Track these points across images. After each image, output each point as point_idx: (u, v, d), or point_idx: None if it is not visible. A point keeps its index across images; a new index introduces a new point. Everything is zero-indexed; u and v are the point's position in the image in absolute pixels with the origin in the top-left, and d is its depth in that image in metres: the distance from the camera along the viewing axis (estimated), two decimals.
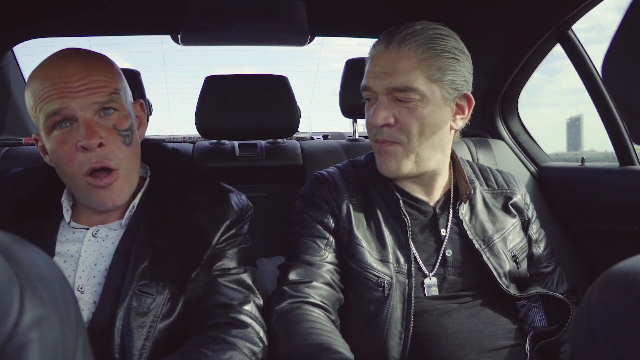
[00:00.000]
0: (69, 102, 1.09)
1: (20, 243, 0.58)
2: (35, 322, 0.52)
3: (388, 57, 1.24)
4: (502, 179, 1.49)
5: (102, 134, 1.12)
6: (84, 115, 1.11)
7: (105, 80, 1.15)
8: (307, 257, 1.30)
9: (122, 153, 1.17)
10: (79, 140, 1.10)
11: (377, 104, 1.26)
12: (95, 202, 1.17)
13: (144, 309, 1.11)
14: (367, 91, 1.29)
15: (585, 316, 0.58)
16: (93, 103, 1.12)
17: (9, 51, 2.20)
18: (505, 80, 2.14)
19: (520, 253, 1.37)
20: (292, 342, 1.13)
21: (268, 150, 2.07)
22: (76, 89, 1.10)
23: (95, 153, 1.12)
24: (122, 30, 2.22)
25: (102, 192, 1.15)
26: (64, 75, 1.10)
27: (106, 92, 1.14)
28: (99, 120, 1.14)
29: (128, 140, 1.18)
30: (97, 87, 1.13)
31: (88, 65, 1.14)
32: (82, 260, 1.17)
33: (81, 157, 1.12)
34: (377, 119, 1.24)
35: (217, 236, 1.24)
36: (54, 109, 1.09)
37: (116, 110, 1.16)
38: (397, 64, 1.22)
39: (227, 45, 2.44)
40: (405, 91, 1.22)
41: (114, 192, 1.17)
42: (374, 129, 1.29)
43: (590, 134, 10.48)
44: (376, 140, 1.30)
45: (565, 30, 1.82)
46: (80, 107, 1.10)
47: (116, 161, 1.15)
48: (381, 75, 1.24)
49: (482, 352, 1.21)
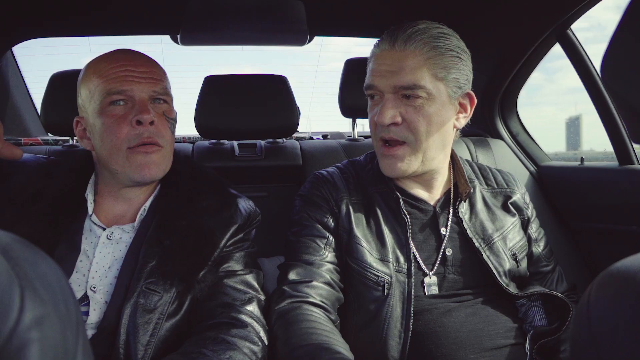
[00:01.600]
0: (132, 85, 1.23)
1: (20, 243, 0.58)
2: (35, 322, 0.52)
3: (394, 55, 1.25)
4: (502, 178, 1.49)
5: (155, 116, 1.24)
6: (142, 97, 1.24)
7: (161, 76, 1.30)
8: (306, 256, 1.30)
9: (167, 136, 1.29)
10: (134, 115, 1.22)
11: (384, 102, 1.26)
12: (136, 171, 1.23)
13: (150, 306, 1.14)
14: (372, 90, 1.29)
15: (585, 314, 0.58)
16: (152, 91, 1.26)
17: (8, 51, 2.21)
18: (505, 79, 2.14)
19: (520, 252, 1.37)
20: (291, 341, 1.13)
21: (267, 150, 2.07)
22: (140, 76, 1.25)
23: (147, 129, 1.23)
24: (121, 31, 2.22)
25: (146, 158, 1.24)
26: (132, 62, 1.26)
27: (162, 86, 1.29)
28: (152, 106, 1.26)
29: (173, 129, 1.32)
30: (156, 79, 1.28)
31: (150, 61, 1.31)
32: (95, 261, 1.21)
33: (133, 132, 1.22)
34: (385, 117, 1.24)
35: (225, 239, 1.27)
36: (117, 87, 1.22)
37: (166, 102, 1.31)
38: (403, 63, 1.23)
39: (226, 45, 2.44)
40: (412, 89, 1.23)
41: (155, 163, 1.25)
42: (379, 128, 1.29)
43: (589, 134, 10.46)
44: (381, 139, 1.29)
45: (565, 29, 1.82)
46: (140, 90, 1.24)
47: (162, 140, 1.26)
48: (387, 74, 1.24)
49: (482, 351, 1.21)
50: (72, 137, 2.03)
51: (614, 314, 0.54)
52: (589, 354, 0.56)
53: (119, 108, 1.23)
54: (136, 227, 1.26)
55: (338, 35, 2.42)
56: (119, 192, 1.30)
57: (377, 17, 2.07)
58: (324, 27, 2.23)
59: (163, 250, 1.20)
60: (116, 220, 1.28)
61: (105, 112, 1.23)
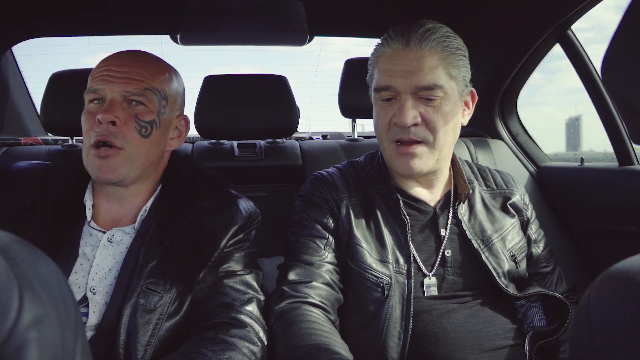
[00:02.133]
0: (105, 85, 1.24)
1: (19, 243, 0.58)
2: (34, 322, 0.52)
3: (410, 55, 1.24)
4: (501, 179, 1.49)
5: (120, 115, 1.22)
6: (112, 97, 1.24)
7: (145, 77, 1.27)
8: (306, 257, 1.30)
9: (133, 139, 1.24)
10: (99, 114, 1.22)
11: (402, 103, 1.24)
12: (92, 171, 1.24)
13: (150, 306, 1.14)
14: (387, 91, 1.27)
15: (585, 315, 0.58)
16: (124, 91, 1.24)
17: (8, 51, 2.20)
18: (505, 80, 2.14)
19: (519, 253, 1.37)
20: (291, 342, 1.13)
21: (267, 150, 2.07)
22: (117, 75, 1.24)
23: (105, 128, 1.21)
24: (121, 30, 2.22)
25: (99, 161, 1.22)
26: (118, 62, 1.26)
27: (140, 87, 1.25)
28: (125, 107, 1.25)
29: (145, 132, 1.26)
30: (135, 79, 1.25)
31: (138, 62, 1.28)
32: (95, 263, 1.21)
33: (95, 129, 1.22)
34: (407, 118, 1.23)
35: (226, 239, 1.27)
36: (93, 86, 1.25)
37: (144, 105, 1.26)
38: (421, 62, 1.23)
39: (226, 45, 2.44)
40: (432, 89, 1.23)
41: (110, 167, 1.22)
42: (394, 130, 1.27)
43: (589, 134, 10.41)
44: (398, 140, 1.27)
45: (565, 30, 1.82)
46: (111, 90, 1.24)
47: (122, 142, 1.23)
48: (406, 74, 1.23)
49: (482, 352, 1.21)
50: (72, 137, 2.02)
51: (613, 315, 0.54)
52: (589, 355, 0.56)
53: (95, 107, 1.26)
54: (137, 228, 1.26)
55: (338, 35, 2.42)
56: (107, 190, 1.30)
57: (376, 17, 2.07)
58: (324, 27, 2.23)
59: (163, 250, 1.20)
60: (115, 222, 1.28)
61: (86, 110, 1.28)
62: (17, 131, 2.34)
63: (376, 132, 1.35)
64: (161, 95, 1.29)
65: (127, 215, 1.30)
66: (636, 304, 0.52)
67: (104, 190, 1.31)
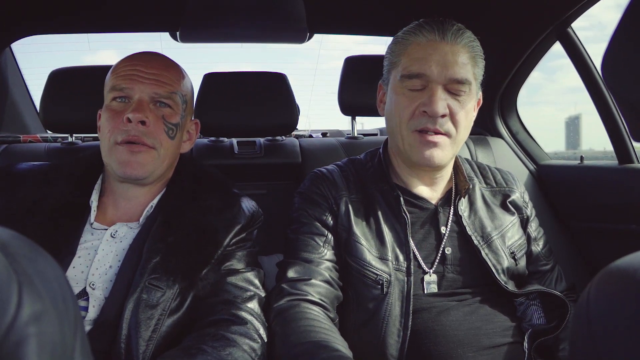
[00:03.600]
0: (134, 84, 1.26)
1: (18, 239, 0.58)
2: (33, 317, 0.52)
3: (446, 48, 1.26)
4: (501, 176, 1.49)
5: (149, 117, 1.25)
6: (141, 97, 1.26)
7: (172, 81, 1.31)
8: (305, 254, 1.30)
9: (162, 140, 1.28)
10: (127, 113, 1.23)
11: (433, 92, 1.24)
12: (118, 167, 1.25)
13: (153, 302, 1.15)
14: (419, 79, 1.26)
15: (584, 312, 0.58)
16: (154, 92, 1.27)
17: (7, 48, 2.20)
18: (505, 78, 2.14)
19: (519, 250, 1.37)
20: (290, 339, 1.13)
21: (267, 148, 2.07)
22: (146, 76, 1.27)
23: (136, 128, 1.24)
24: (120, 28, 2.22)
25: (129, 156, 1.24)
26: (145, 63, 1.29)
27: (168, 90, 1.29)
28: (153, 108, 1.28)
29: (171, 134, 1.31)
30: (163, 82, 1.29)
31: (167, 65, 1.33)
32: (97, 259, 1.21)
33: (122, 128, 1.24)
34: (439, 108, 1.23)
35: (229, 238, 1.28)
36: (120, 84, 1.26)
37: (170, 107, 1.30)
38: (457, 57, 1.25)
39: (226, 43, 2.44)
40: (463, 83, 1.26)
41: (139, 163, 1.25)
42: (422, 119, 1.26)
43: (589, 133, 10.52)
44: (422, 130, 1.26)
45: (565, 28, 1.82)
46: (141, 90, 1.26)
47: (153, 142, 1.27)
48: (441, 64, 1.24)
49: (481, 350, 1.21)
50: (71, 134, 2.02)
51: (613, 312, 0.54)
52: (588, 352, 0.56)
53: (119, 105, 1.27)
54: (141, 223, 1.28)
55: (337, 33, 2.42)
56: (119, 188, 1.31)
57: (376, 15, 2.07)
58: (324, 24, 2.23)
59: (167, 247, 1.21)
60: (120, 220, 1.29)
61: (109, 107, 1.28)
62: (17, 129, 2.34)
63: (392, 121, 1.32)
64: (183, 99, 1.35)
65: (133, 213, 1.31)
66: (636, 301, 0.52)
67: (115, 189, 1.32)
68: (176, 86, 1.32)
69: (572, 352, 0.62)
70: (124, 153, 1.24)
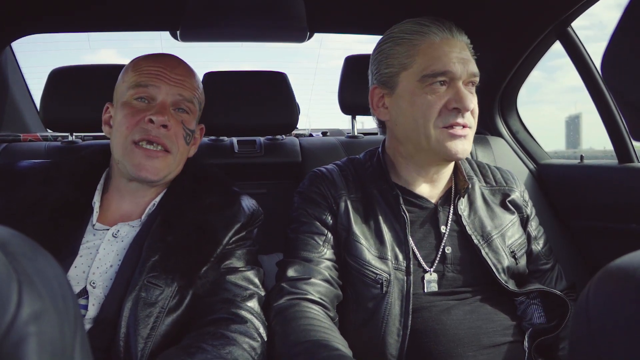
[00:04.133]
0: (160, 83, 1.28)
1: (18, 238, 0.58)
2: (33, 317, 0.52)
3: (458, 44, 1.29)
4: (501, 175, 1.49)
5: (171, 121, 1.27)
6: (164, 99, 1.28)
7: (194, 89, 1.34)
8: (305, 253, 1.30)
9: (180, 145, 1.31)
10: (150, 114, 1.24)
11: (459, 88, 1.26)
12: (132, 168, 1.25)
13: (151, 300, 1.15)
14: (445, 76, 1.26)
15: (584, 311, 0.58)
16: (178, 94, 1.29)
17: (7, 47, 2.20)
18: (505, 77, 2.14)
19: (519, 249, 1.37)
20: (290, 338, 1.13)
21: (267, 147, 2.07)
22: (171, 78, 1.29)
23: (157, 130, 1.25)
24: (121, 27, 2.22)
25: (145, 160, 1.25)
26: (170, 65, 1.31)
27: (190, 94, 1.32)
28: (173, 113, 1.29)
29: (188, 140, 1.34)
30: (187, 87, 1.31)
31: (189, 71, 1.35)
32: (98, 257, 1.22)
33: (142, 126, 1.24)
34: (471, 103, 1.26)
35: (228, 237, 1.29)
36: (145, 81, 1.27)
37: (188, 114, 1.33)
38: (467, 52, 1.30)
39: (226, 42, 2.44)
40: (477, 77, 1.30)
41: (155, 168, 1.26)
42: (450, 115, 1.26)
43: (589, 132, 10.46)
44: (452, 125, 1.27)
45: (565, 27, 1.82)
46: (166, 92, 1.28)
47: (172, 146, 1.28)
48: (462, 61, 1.27)
49: (481, 349, 1.21)
50: (71, 133, 2.02)
51: (612, 311, 0.54)
52: (588, 351, 0.56)
53: (140, 104, 1.28)
54: (143, 221, 1.28)
55: (337, 32, 2.42)
56: (126, 186, 1.32)
57: (376, 14, 2.07)
58: (324, 23, 2.23)
59: (166, 245, 1.21)
60: (123, 218, 1.30)
61: (128, 104, 1.28)
62: (17, 127, 2.34)
63: (414, 122, 1.30)
64: (200, 106, 1.39)
65: (135, 211, 1.31)
66: (635, 299, 0.52)
67: (121, 187, 1.33)
68: (196, 92, 1.35)
69: (571, 351, 0.62)
70: (140, 156, 1.24)
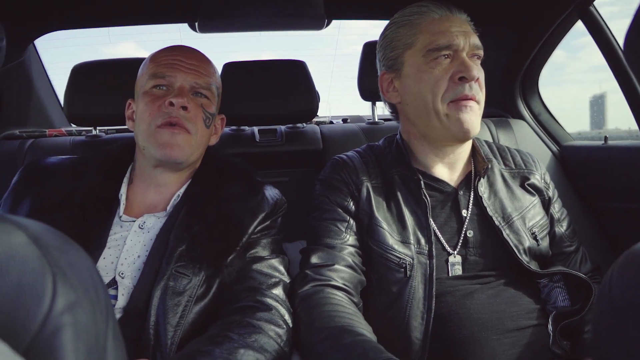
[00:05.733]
0: (176, 72, 1.32)
1: (50, 232, 0.60)
2: (68, 307, 0.54)
3: (458, 20, 1.34)
4: (520, 158, 1.48)
5: (190, 103, 1.30)
6: (182, 85, 1.32)
7: (209, 75, 1.38)
8: (328, 240, 1.31)
9: (200, 127, 1.34)
10: (169, 98, 1.28)
11: (463, 59, 1.29)
12: (157, 148, 1.28)
13: (180, 289, 1.17)
14: (448, 49, 1.30)
15: (607, 294, 0.58)
16: (194, 82, 1.33)
17: (31, 45, 2.24)
18: (526, 59, 2.11)
19: (540, 231, 1.36)
20: (314, 324, 1.14)
21: (288, 135, 2.08)
22: (187, 66, 1.33)
23: (178, 111, 1.28)
24: (141, 20, 2.24)
25: (169, 137, 1.28)
26: (184, 54, 1.35)
27: (207, 80, 1.36)
28: (192, 97, 1.33)
29: (208, 122, 1.37)
30: (202, 73, 1.36)
31: (203, 58, 1.39)
32: (125, 249, 1.24)
33: (164, 110, 1.28)
34: (474, 71, 1.27)
35: (253, 226, 1.31)
36: (162, 72, 1.32)
37: (207, 98, 1.37)
38: (467, 27, 1.34)
39: (244, 32, 2.44)
40: (480, 49, 1.33)
41: (178, 145, 1.29)
42: (457, 88, 1.27)
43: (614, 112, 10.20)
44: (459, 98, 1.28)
45: (587, 6, 1.78)
46: (183, 79, 1.32)
47: (192, 127, 1.31)
48: (463, 33, 1.31)
49: (505, 332, 1.21)
50: (95, 127, 2.06)
51: (636, 291, 0.54)
52: (611, 330, 0.56)
53: (159, 92, 1.32)
54: (169, 211, 1.31)
55: (355, 19, 2.40)
56: (151, 174, 1.35)
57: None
58: (341, 10, 2.21)
59: (192, 235, 1.23)
60: (149, 210, 1.32)
61: (148, 93, 1.32)
62: (42, 123, 2.38)
63: (423, 100, 1.31)
64: (217, 91, 1.42)
65: (160, 202, 1.34)
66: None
67: (147, 176, 1.35)
68: (212, 78, 1.38)
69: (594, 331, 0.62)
70: (164, 134, 1.28)
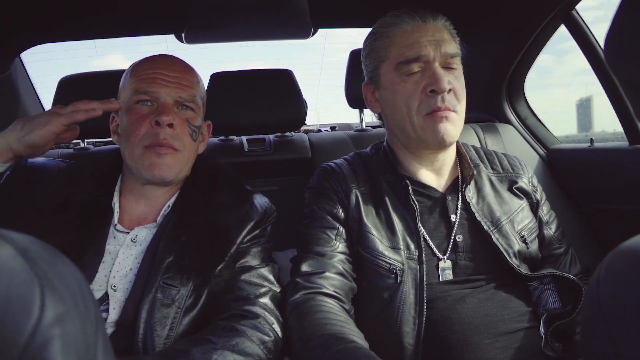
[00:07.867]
0: (159, 88, 1.28)
1: (38, 244, 0.60)
2: (56, 319, 0.53)
3: (431, 29, 1.31)
4: (508, 162, 1.49)
5: (176, 120, 1.28)
6: (166, 100, 1.29)
7: (193, 85, 1.35)
8: (318, 248, 1.31)
9: (187, 142, 1.31)
10: (154, 116, 1.26)
11: (435, 70, 1.27)
12: (145, 169, 1.27)
13: (168, 301, 1.16)
14: (418, 61, 1.29)
15: (595, 291, 0.58)
16: (178, 96, 1.30)
17: (17, 58, 2.23)
18: (511, 64, 2.13)
19: (529, 234, 1.37)
20: (306, 332, 1.14)
21: (276, 144, 2.08)
22: (169, 80, 1.30)
23: (164, 130, 1.26)
24: (127, 32, 2.24)
25: (157, 159, 1.26)
26: (166, 67, 1.31)
27: (190, 93, 1.33)
28: (177, 111, 1.30)
29: (194, 136, 1.34)
30: (185, 85, 1.32)
31: (186, 68, 1.36)
32: (117, 262, 1.23)
33: (150, 131, 1.26)
34: (444, 83, 1.26)
35: (242, 235, 1.30)
36: (144, 87, 1.28)
37: (192, 110, 1.34)
38: (443, 34, 1.32)
39: (231, 42, 2.45)
40: (456, 56, 1.32)
41: (167, 165, 1.27)
42: (430, 101, 1.27)
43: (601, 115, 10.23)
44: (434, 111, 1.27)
45: (569, 10, 1.81)
46: (166, 94, 1.29)
47: (179, 145, 1.29)
48: (434, 43, 1.29)
49: (497, 336, 1.21)
50: (83, 140, 2.05)
51: (623, 290, 0.55)
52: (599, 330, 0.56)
53: (144, 108, 1.29)
54: (159, 222, 1.30)
55: (341, 27, 2.41)
56: (140, 190, 1.33)
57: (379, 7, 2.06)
58: (328, 18, 2.23)
59: (180, 246, 1.22)
60: (140, 221, 1.31)
61: (132, 110, 1.29)
62: None
63: (399, 112, 1.33)
64: (202, 101, 1.40)
65: (151, 213, 1.33)
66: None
67: (135, 190, 1.34)
68: (196, 89, 1.35)
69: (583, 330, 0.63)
70: (151, 156, 1.26)
